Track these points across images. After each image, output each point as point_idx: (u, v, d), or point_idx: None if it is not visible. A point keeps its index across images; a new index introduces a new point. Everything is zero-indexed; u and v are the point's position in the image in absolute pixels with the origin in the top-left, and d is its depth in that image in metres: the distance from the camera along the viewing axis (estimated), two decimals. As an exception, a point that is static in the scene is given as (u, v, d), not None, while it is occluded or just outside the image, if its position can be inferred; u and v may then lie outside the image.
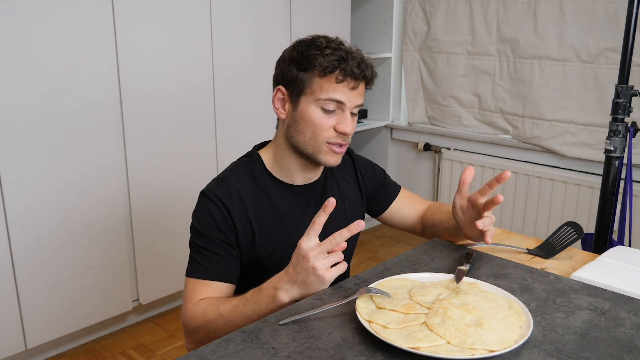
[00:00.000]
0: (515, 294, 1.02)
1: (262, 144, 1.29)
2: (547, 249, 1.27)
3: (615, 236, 1.87)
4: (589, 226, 2.49)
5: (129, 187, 2.26)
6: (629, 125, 1.72)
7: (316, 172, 1.26)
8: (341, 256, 0.99)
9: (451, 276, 1.07)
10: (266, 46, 2.59)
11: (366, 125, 3.32)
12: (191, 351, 1.07)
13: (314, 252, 0.97)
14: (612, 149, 1.73)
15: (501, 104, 2.92)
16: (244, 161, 1.25)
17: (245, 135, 2.57)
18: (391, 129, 3.43)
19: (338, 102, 1.13)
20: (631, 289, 1.05)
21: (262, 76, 2.53)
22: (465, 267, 1.09)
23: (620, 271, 1.12)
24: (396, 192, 1.42)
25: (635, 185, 2.43)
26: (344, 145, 1.18)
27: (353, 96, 1.15)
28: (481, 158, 3.00)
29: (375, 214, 1.43)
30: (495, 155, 2.99)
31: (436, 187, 3.27)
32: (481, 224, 1.09)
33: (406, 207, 1.42)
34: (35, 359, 2.18)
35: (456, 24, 3.00)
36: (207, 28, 2.37)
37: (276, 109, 1.20)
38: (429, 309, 0.92)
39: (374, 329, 0.87)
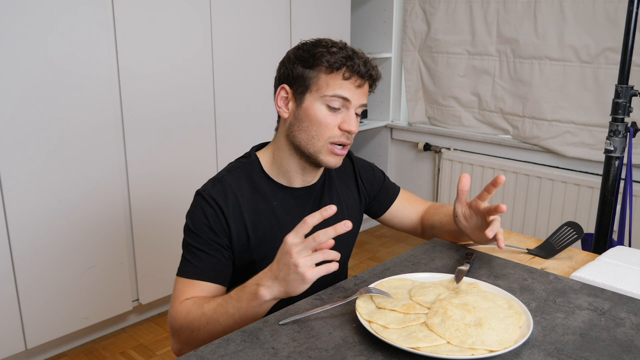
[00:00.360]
0: (515, 294, 1.02)
1: (260, 146, 1.28)
2: (547, 249, 1.27)
3: (615, 236, 1.87)
4: (589, 226, 2.49)
5: (129, 187, 2.26)
6: (629, 125, 1.72)
7: (315, 175, 1.25)
8: (326, 255, 0.95)
9: (451, 276, 1.07)
10: (266, 46, 2.59)
11: (366, 125, 3.32)
12: (176, 351, 1.06)
13: (297, 249, 0.94)
14: (612, 149, 1.73)
15: (501, 104, 2.92)
16: (241, 162, 1.24)
17: (245, 135, 2.57)
18: (391, 129, 3.43)
19: (344, 99, 1.13)
20: (631, 289, 1.05)
21: (262, 77, 2.53)
22: (465, 267, 1.10)
23: (620, 271, 1.12)
24: (396, 193, 1.42)
25: (635, 185, 2.43)
26: (346, 145, 1.17)
27: (359, 94, 1.15)
28: (481, 158, 3.01)
29: (376, 215, 1.43)
30: (495, 155, 2.99)
31: (436, 187, 3.27)
32: (491, 232, 1.09)
33: (406, 208, 1.42)
34: (35, 359, 2.18)
35: (456, 24, 3.00)
36: (207, 28, 2.37)
37: (279, 108, 1.19)
38: (429, 309, 0.92)
39: (374, 329, 0.87)
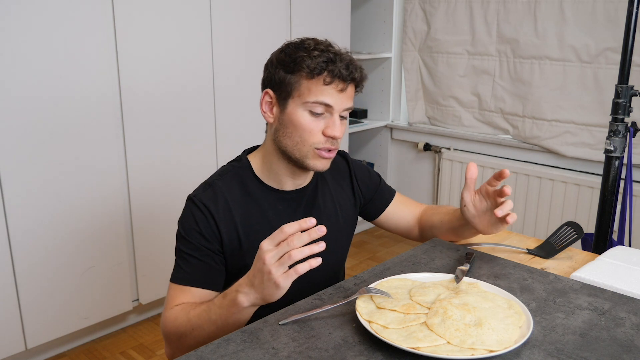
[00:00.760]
0: (515, 294, 1.02)
1: (252, 149, 1.27)
2: (547, 249, 1.27)
3: (615, 236, 1.87)
4: (589, 226, 2.49)
5: (129, 187, 2.26)
6: (629, 125, 1.72)
7: (305, 178, 1.24)
8: (294, 257, 0.91)
9: (451, 276, 1.07)
10: (266, 46, 2.58)
11: (366, 125, 3.32)
12: (169, 355, 1.07)
13: (271, 254, 0.92)
14: (612, 149, 1.73)
15: (501, 104, 2.92)
16: (232, 166, 1.23)
17: (245, 135, 2.57)
18: (391, 129, 3.43)
19: (326, 105, 1.11)
20: (631, 289, 1.05)
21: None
22: (465, 267, 1.10)
23: (620, 271, 1.12)
24: (391, 196, 1.42)
25: (635, 185, 2.43)
26: (333, 149, 1.15)
27: (342, 99, 1.12)
28: (481, 158, 3.01)
29: (371, 217, 1.42)
30: (495, 155, 2.99)
31: (436, 187, 3.27)
32: (500, 211, 1.09)
33: (401, 211, 1.41)
34: (35, 359, 2.18)
35: (456, 24, 3.00)
36: (207, 28, 2.37)
37: (264, 113, 1.18)
38: (429, 309, 0.92)
39: (374, 329, 0.87)
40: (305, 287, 1.08)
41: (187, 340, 1.06)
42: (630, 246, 1.77)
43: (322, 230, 0.92)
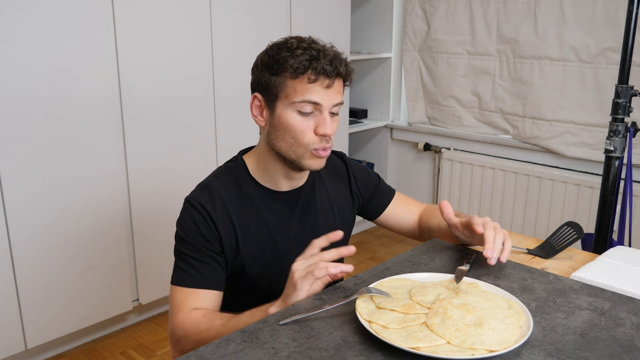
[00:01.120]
0: (515, 294, 1.02)
1: (248, 149, 1.27)
2: (547, 249, 1.27)
3: (615, 236, 1.87)
4: (589, 226, 2.49)
5: (129, 187, 2.26)
6: (629, 125, 1.72)
7: (301, 178, 1.24)
8: (317, 274, 0.98)
9: (451, 276, 1.07)
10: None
11: (366, 125, 3.32)
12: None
13: (300, 261, 1.01)
14: (612, 149, 1.73)
15: (501, 104, 2.92)
16: (228, 167, 1.23)
17: (245, 137, 2.56)
18: (391, 129, 3.43)
19: (314, 103, 1.09)
20: (631, 289, 1.05)
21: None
22: (465, 267, 1.09)
23: (620, 271, 1.12)
24: (391, 195, 1.42)
25: (635, 185, 2.43)
26: (327, 148, 1.14)
27: (329, 95, 1.10)
28: (481, 158, 3.00)
29: (372, 217, 1.42)
30: (495, 155, 2.99)
31: (436, 187, 3.27)
32: (490, 254, 1.07)
33: (402, 210, 1.42)
34: (35, 359, 2.18)
35: (456, 24, 3.00)
36: (207, 30, 2.37)
37: (254, 117, 1.17)
38: (429, 309, 0.92)
39: (374, 329, 0.87)
40: None
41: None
42: (630, 246, 1.77)
43: (338, 234, 1.03)
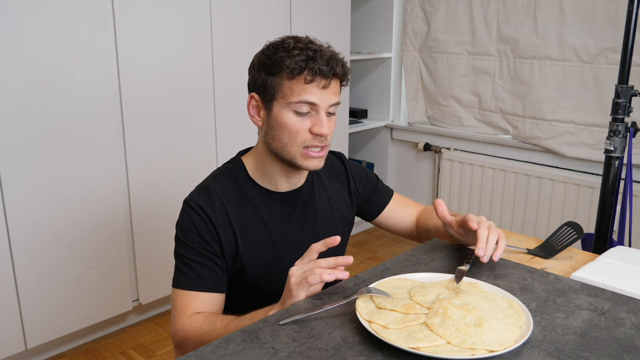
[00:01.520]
0: (515, 294, 1.02)
1: (246, 150, 1.27)
2: (547, 249, 1.27)
3: (615, 236, 1.87)
4: (589, 226, 2.49)
5: (129, 187, 2.26)
6: (629, 125, 1.72)
7: (300, 178, 1.23)
8: (311, 280, 0.98)
9: (451, 276, 1.07)
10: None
11: (366, 125, 3.32)
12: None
13: (298, 266, 1.01)
14: (612, 149, 1.73)
15: (501, 104, 2.92)
16: (227, 168, 1.23)
17: (245, 136, 2.56)
18: (391, 129, 3.43)
19: (310, 103, 1.09)
20: (631, 289, 1.05)
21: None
22: (465, 267, 1.09)
23: (620, 271, 1.12)
24: (389, 196, 1.42)
25: (635, 185, 2.43)
26: (323, 147, 1.13)
27: (326, 95, 1.10)
28: (481, 158, 3.00)
29: (370, 218, 1.42)
30: (495, 155, 2.99)
31: (436, 187, 3.27)
32: (482, 253, 1.09)
33: (400, 211, 1.42)
34: (35, 359, 2.18)
35: (456, 24, 3.00)
36: (207, 27, 2.37)
37: (252, 117, 1.17)
38: (429, 309, 0.92)
39: (374, 329, 0.87)
40: None
41: None
42: (630, 246, 1.77)
43: (336, 240, 1.01)
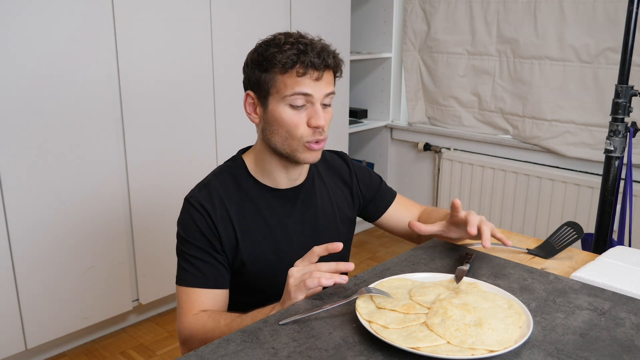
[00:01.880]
0: (515, 294, 1.02)
1: (247, 148, 1.28)
2: (547, 249, 1.27)
3: (615, 236, 1.87)
4: (589, 226, 2.49)
5: (128, 187, 2.26)
6: (629, 125, 1.72)
7: (300, 173, 1.24)
8: (315, 275, 0.99)
9: (451, 276, 1.07)
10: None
11: (366, 125, 3.32)
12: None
13: (297, 267, 1.02)
14: (612, 149, 1.73)
15: (501, 104, 2.92)
16: (227, 165, 1.24)
17: (245, 134, 2.56)
18: (391, 129, 3.43)
19: (305, 94, 1.10)
20: (631, 289, 1.05)
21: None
22: (465, 267, 1.09)
23: (620, 271, 1.12)
24: (392, 198, 1.42)
25: (635, 185, 2.43)
26: (321, 140, 1.14)
27: (320, 86, 1.11)
28: (481, 158, 3.00)
29: (372, 219, 1.42)
30: (495, 155, 2.99)
31: (436, 187, 3.27)
32: (472, 228, 1.13)
33: (402, 213, 1.42)
34: (35, 359, 2.18)
35: (456, 24, 3.00)
36: (207, 27, 2.37)
37: (248, 115, 1.19)
38: (429, 309, 0.92)
39: (374, 329, 0.87)
40: None
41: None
42: (630, 246, 1.77)
43: (339, 246, 1.01)
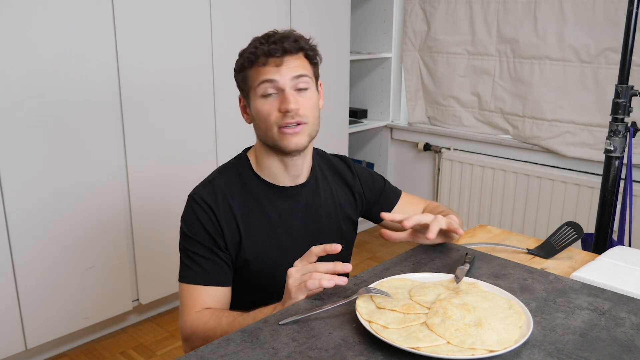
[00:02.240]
0: (515, 294, 1.02)
1: (252, 146, 1.30)
2: (547, 249, 1.27)
3: (615, 236, 1.87)
4: (589, 226, 2.49)
5: (129, 187, 2.26)
6: (629, 125, 1.72)
7: (300, 169, 1.24)
8: (315, 276, 0.98)
9: (451, 276, 1.07)
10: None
11: (366, 125, 3.32)
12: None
13: (296, 267, 1.01)
14: (612, 149, 1.73)
15: (501, 104, 2.92)
16: (232, 163, 1.26)
17: (246, 133, 2.56)
18: (391, 129, 3.43)
19: (269, 81, 1.13)
20: (631, 289, 1.05)
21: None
22: (465, 267, 1.09)
23: (620, 271, 1.12)
24: (397, 197, 1.42)
25: (635, 185, 2.43)
26: (299, 124, 1.14)
27: (283, 71, 1.13)
28: (481, 158, 3.00)
29: (378, 220, 1.42)
30: (495, 155, 2.99)
31: (436, 187, 3.27)
32: (430, 233, 1.12)
33: (407, 210, 1.41)
34: (35, 359, 2.18)
35: (456, 24, 3.00)
36: (207, 27, 2.37)
37: (243, 117, 1.24)
38: (429, 309, 0.92)
39: (374, 329, 0.87)
40: None
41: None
42: (630, 246, 1.77)
43: (337, 248, 1.00)
